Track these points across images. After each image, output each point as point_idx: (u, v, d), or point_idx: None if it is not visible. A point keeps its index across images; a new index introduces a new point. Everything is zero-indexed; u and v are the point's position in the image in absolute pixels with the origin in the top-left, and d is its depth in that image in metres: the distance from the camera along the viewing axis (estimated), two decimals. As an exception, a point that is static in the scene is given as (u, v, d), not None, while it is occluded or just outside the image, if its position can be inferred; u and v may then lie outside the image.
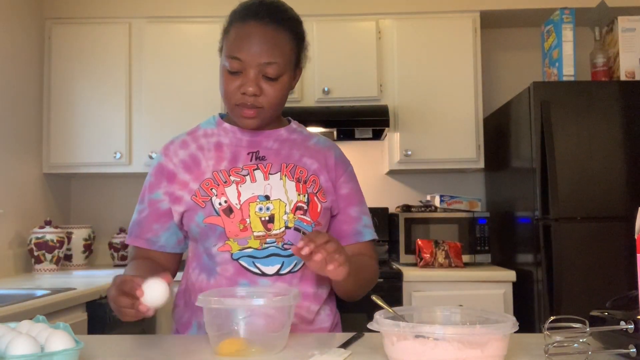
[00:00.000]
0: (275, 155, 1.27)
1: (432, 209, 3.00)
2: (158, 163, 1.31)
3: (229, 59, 1.18)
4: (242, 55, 1.17)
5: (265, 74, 1.18)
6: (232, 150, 1.27)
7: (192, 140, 1.31)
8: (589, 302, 2.41)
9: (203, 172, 1.25)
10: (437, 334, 0.87)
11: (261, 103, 1.20)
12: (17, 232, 2.87)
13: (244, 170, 1.24)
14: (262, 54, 1.16)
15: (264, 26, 1.18)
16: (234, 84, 1.19)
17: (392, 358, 0.94)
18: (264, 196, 1.22)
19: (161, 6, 3.14)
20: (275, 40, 1.18)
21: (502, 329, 0.88)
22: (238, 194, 1.21)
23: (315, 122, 2.96)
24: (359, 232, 1.32)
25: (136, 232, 1.30)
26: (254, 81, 1.17)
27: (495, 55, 3.44)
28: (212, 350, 1.03)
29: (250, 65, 1.17)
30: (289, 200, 1.23)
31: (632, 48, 2.67)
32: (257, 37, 1.17)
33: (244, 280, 1.20)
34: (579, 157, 2.49)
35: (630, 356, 0.89)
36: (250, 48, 1.16)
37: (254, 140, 1.28)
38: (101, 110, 3.09)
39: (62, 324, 0.95)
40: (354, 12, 3.11)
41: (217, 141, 1.29)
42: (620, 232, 2.45)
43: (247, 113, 1.20)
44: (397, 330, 0.90)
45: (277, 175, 1.25)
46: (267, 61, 1.17)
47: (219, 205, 1.20)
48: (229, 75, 1.19)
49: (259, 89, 1.18)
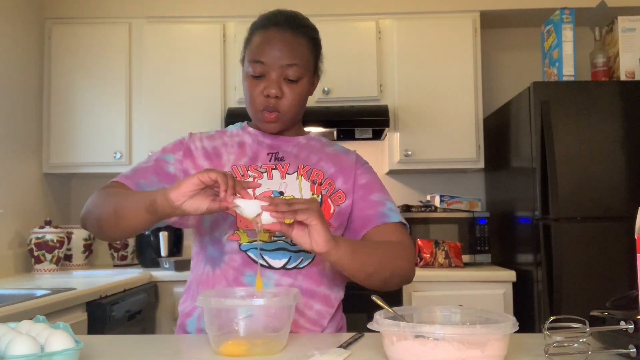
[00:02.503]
0: (294, 158, 1.32)
1: (432, 209, 3.00)
2: (180, 139, 1.34)
3: (252, 63, 1.24)
4: (265, 58, 1.22)
5: (287, 77, 1.23)
6: (254, 149, 1.32)
7: (219, 137, 1.35)
8: (589, 302, 2.41)
9: (223, 164, 1.29)
10: (437, 334, 0.87)
11: (282, 106, 1.24)
12: (17, 232, 2.87)
13: (263, 169, 1.29)
14: (283, 56, 1.22)
15: (284, 32, 1.24)
16: (258, 88, 1.24)
17: (392, 358, 0.94)
18: (278, 192, 1.25)
19: (161, 6, 3.14)
20: (295, 44, 1.24)
21: (502, 329, 0.88)
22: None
23: (315, 122, 2.96)
24: (384, 214, 1.28)
25: (129, 175, 1.27)
26: (277, 83, 1.23)
27: (495, 55, 3.44)
28: (212, 350, 1.03)
29: (273, 68, 1.22)
30: (302, 196, 1.25)
31: (632, 48, 2.67)
32: (278, 41, 1.23)
33: (250, 272, 1.21)
34: (579, 157, 2.49)
35: (630, 356, 0.89)
36: (272, 51, 1.22)
37: (274, 144, 1.33)
38: (101, 110, 3.09)
39: (62, 324, 0.95)
40: (354, 12, 3.11)
41: (240, 140, 1.34)
42: (620, 232, 2.45)
43: (268, 117, 1.25)
44: (397, 330, 0.90)
45: (294, 175, 1.29)
46: (288, 63, 1.22)
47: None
48: (252, 79, 1.25)
49: (281, 91, 1.23)
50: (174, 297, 2.71)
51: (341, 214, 1.29)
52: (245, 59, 1.28)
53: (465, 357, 0.87)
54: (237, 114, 2.99)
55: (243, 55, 1.31)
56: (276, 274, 1.21)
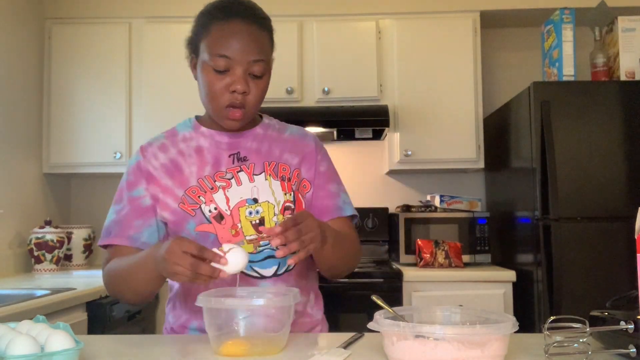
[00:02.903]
0: (256, 154, 1.27)
1: (432, 209, 3.00)
2: (136, 162, 1.27)
3: (215, 57, 1.16)
4: (230, 52, 1.15)
5: (252, 72, 1.17)
6: (213, 153, 1.26)
7: (172, 145, 1.28)
8: (589, 302, 2.42)
9: (187, 178, 1.23)
10: (437, 334, 0.87)
11: (248, 102, 1.19)
12: (17, 232, 2.87)
13: (228, 174, 1.24)
14: (250, 51, 1.16)
15: (249, 25, 1.17)
16: (221, 83, 1.17)
17: (392, 358, 0.94)
18: (252, 199, 1.22)
19: (161, 6, 3.14)
20: (260, 39, 1.18)
21: (502, 329, 0.88)
22: (226, 199, 1.21)
23: (315, 122, 2.96)
24: (340, 208, 1.33)
25: (115, 231, 1.24)
26: (244, 79, 1.16)
27: (495, 55, 3.44)
28: (212, 350, 1.03)
29: (239, 63, 1.16)
30: (277, 201, 1.24)
31: (632, 48, 2.67)
32: (243, 34, 1.16)
33: (241, 284, 1.20)
34: (579, 157, 2.49)
35: (630, 356, 0.89)
36: (238, 45, 1.15)
37: (233, 142, 1.28)
38: (101, 110, 3.09)
39: (62, 324, 0.95)
40: (354, 12, 3.11)
41: (197, 145, 1.27)
42: (620, 232, 2.45)
43: (234, 115, 1.19)
44: (397, 330, 0.90)
45: (262, 175, 1.25)
46: (255, 58, 1.16)
47: (209, 213, 1.20)
48: (215, 74, 1.17)
49: (248, 87, 1.17)
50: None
51: (308, 204, 1.31)
52: (202, 49, 1.19)
53: (465, 357, 0.87)
54: (237, 114, 2.99)
55: (195, 43, 1.22)
56: (269, 282, 1.22)
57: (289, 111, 3.00)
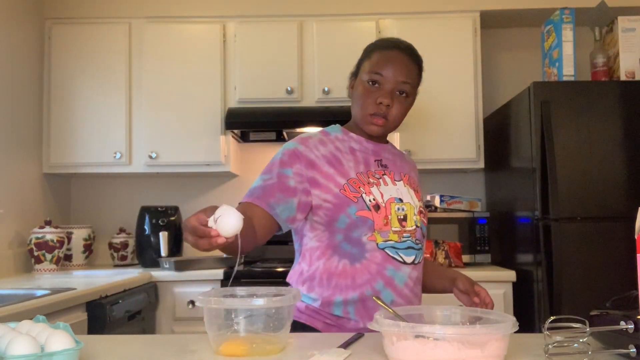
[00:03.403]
0: (392, 165, 1.50)
1: (432, 209, 3.00)
2: (294, 148, 1.41)
3: (370, 73, 1.41)
4: (384, 71, 1.40)
5: (400, 89, 1.40)
6: (363, 156, 1.46)
7: (329, 141, 1.45)
8: (589, 302, 2.41)
9: (347, 171, 1.41)
10: (437, 334, 0.87)
11: (390, 114, 1.41)
12: (17, 232, 2.87)
13: (377, 174, 1.44)
14: (400, 73, 1.40)
15: (404, 55, 1.44)
16: (372, 95, 1.40)
17: (392, 358, 0.94)
18: (398, 199, 1.42)
19: (161, 6, 3.15)
20: (410, 67, 1.43)
21: (502, 329, 0.88)
22: (381, 194, 1.40)
23: (315, 122, 2.96)
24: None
25: (259, 194, 1.37)
26: (390, 94, 1.39)
27: (495, 55, 3.44)
28: (212, 349, 1.03)
29: (389, 81, 1.40)
30: (415, 204, 1.45)
31: (632, 48, 2.67)
32: (398, 60, 1.42)
33: (390, 266, 1.36)
34: (579, 157, 2.49)
35: (630, 356, 0.89)
36: (392, 67, 1.41)
37: (376, 150, 1.49)
38: (101, 110, 3.09)
39: (62, 324, 0.95)
40: (354, 12, 3.11)
41: (350, 146, 1.46)
42: (620, 232, 2.45)
43: (377, 121, 1.41)
44: (397, 330, 0.90)
45: (401, 182, 1.47)
46: (403, 80, 1.40)
47: (370, 202, 1.37)
48: (368, 87, 1.41)
49: (392, 101, 1.40)
50: (174, 297, 2.71)
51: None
52: (362, 70, 1.44)
53: (465, 357, 0.87)
54: (237, 114, 2.99)
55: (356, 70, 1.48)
56: (409, 268, 1.40)
57: (289, 111, 3.00)
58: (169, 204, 3.31)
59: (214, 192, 3.44)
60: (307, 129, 3.04)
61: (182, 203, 3.36)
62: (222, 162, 3.07)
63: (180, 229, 3.12)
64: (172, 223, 3.07)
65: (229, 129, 3.04)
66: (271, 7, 3.13)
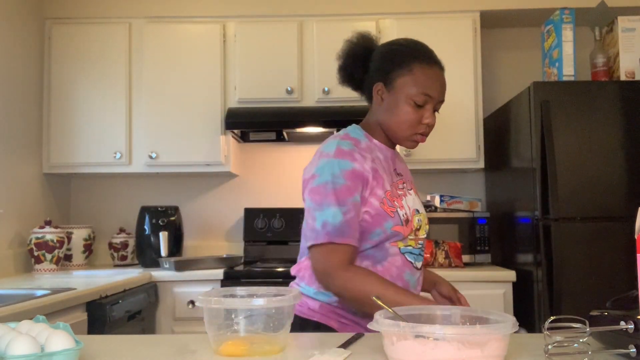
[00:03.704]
0: (403, 172, 1.52)
1: (432, 209, 3.00)
2: (352, 168, 1.35)
3: (420, 95, 1.39)
4: (433, 93, 1.40)
5: (436, 109, 1.44)
6: (387, 165, 1.46)
7: (366, 151, 1.42)
8: (589, 302, 2.42)
9: (383, 182, 1.40)
10: (437, 334, 0.87)
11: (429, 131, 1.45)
12: (17, 232, 2.87)
13: (399, 185, 1.46)
14: (441, 94, 1.43)
15: (441, 72, 1.44)
16: (417, 114, 1.41)
17: (392, 358, 0.94)
18: (417, 210, 1.46)
19: (161, 6, 3.15)
20: (445, 84, 1.45)
21: (502, 329, 0.88)
22: (408, 207, 1.43)
23: (315, 122, 2.96)
24: None
25: (348, 232, 1.32)
26: (433, 114, 1.43)
27: (495, 55, 3.44)
28: (212, 350, 1.03)
29: (434, 101, 1.41)
30: (425, 213, 1.51)
31: (632, 48, 2.67)
32: (440, 79, 1.43)
33: (408, 271, 1.40)
34: (579, 157, 2.49)
35: (630, 356, 0.89)
36: (438, 88, 1.41)
37: (392, 157, 1.51)
38: (101, 110, 3.09)
39: (62, 324, 0.95)
40: (354, 12, 3.11)
41: (376, 156, 1.45)
42: (620, 232, 2.45)
43: (421, 140, 1.44)
44: (397, 330, 0.90)
45: (412, 191, 1.50)
46: (441, 99, 1.44)
47: (403, 216, 1.39)
48: (415, 107, 1.40)
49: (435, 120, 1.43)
50: (174, 297, 2.71)
51: None
52: (403, 84, 1.39)
53: (465, 357, 0.87)
54: (237, 114, 2.99)
55: (388, 74, 1.42)
56: (419, 273, 1.45)
57: (289, 111, 3.00)
58: (169, 204, 3.31)
59: (214, 192, 3.44)
60: (307, 129, 3.04)
61: (182, 203, 3.36)
62: (222, 162, 3.07)
63: (180, 228, 3.12)
64: (172, 223, 3.07)
65: (229, 129, 3.04)
66: (271, 7, 3.13)
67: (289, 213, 3.27)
